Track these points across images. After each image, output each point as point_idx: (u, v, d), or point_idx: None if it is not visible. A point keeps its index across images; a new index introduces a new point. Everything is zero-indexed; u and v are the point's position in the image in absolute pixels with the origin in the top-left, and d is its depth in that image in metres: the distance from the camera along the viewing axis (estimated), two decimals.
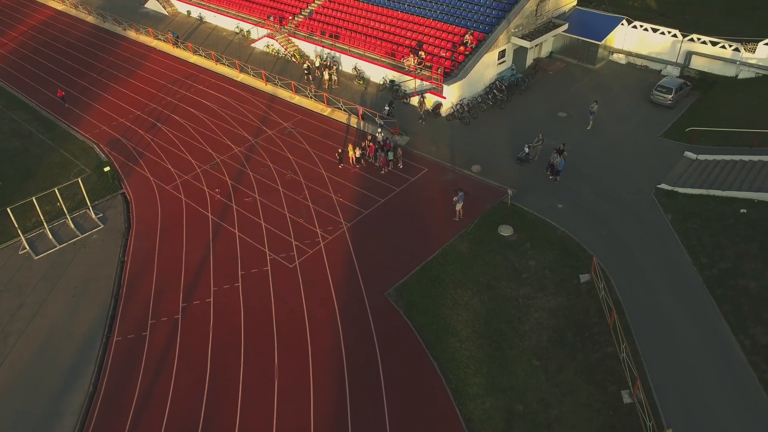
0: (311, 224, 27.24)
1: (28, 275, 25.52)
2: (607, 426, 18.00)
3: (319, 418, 18.84)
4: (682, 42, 39.51)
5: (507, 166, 30.70)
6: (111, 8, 56.39)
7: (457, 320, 21.93)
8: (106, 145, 34.83)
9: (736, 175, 28.50)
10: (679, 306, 21.70)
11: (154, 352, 21.59)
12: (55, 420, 19.44)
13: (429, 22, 40.15)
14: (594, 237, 25.48)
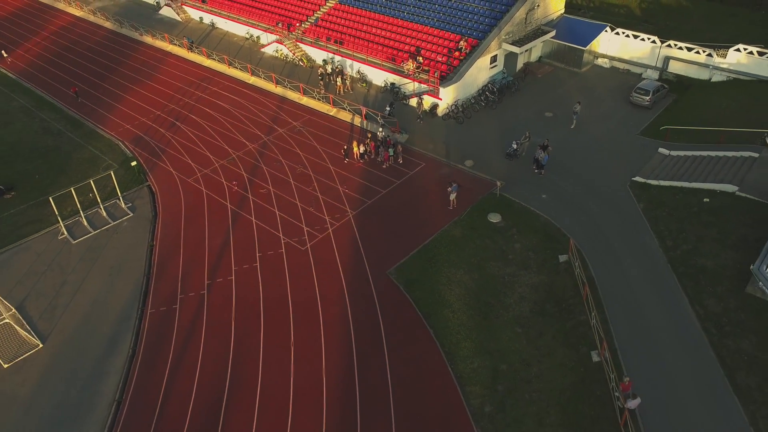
0: (320, 212, 29.93)
1: (68, 257, 28.17)
2: (578, 380, 20.68)
3: (330, 377, 21.50)
4: (660, 47, 42.15)
5: (497, 161, 33.40)
6: (127, 14, 59.08)
7: (450, 295, 24.60)
8: (131, 142, 37.48)
9: (702, 169, 31.18)
10: (645, 282, 24.40)
11: (183, 322, 24.26)
12: (101, 378, 22.11)
13: (426, 29, 42.80)
14: (573, 223, 28.17)
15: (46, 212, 30.94)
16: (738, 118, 35.02)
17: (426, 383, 21.06)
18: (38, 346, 23.37)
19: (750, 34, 45.89)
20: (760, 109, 35.80)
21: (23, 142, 38.20)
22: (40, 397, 21.48)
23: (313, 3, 49.55)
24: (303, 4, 49.84)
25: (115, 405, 21.16)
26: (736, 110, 36.39)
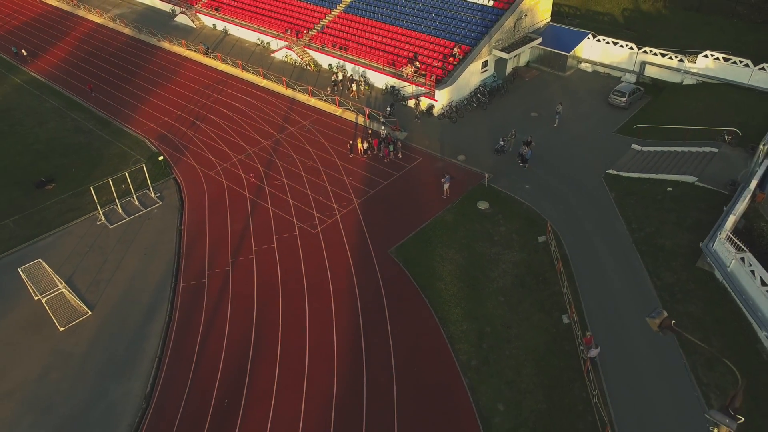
0: (329, 200, 33.22)
1: (107, 240, 31.45)
2: (550, 339, 23.98)
3: (339, 337, 24.78)
4: (637, 53, 45.45)
5: (486, 156, 36.71)
6: (144, 21, 62.32)
7: (443, 270, 27.89)
8: (156, 139, 40.76)
9: (669, 163, 34.50)
10: (611, 258, 27.71)
11: (212, 293, 27.55)
12: (143, 339, 25.39)
13: (423, 36, 46.10)
14: (552, 209, 31.47)
15: (84, 201, 34.23)
16: (704, 118, 38.36)
17: (422, 342, 24.35)
18: (87, 314, 26.64)
19: (721, 40, 49.20)
20: (723, 110, 39.13)
21: (58, 139, 41.45)
22: (92, 355, 24.77)
23: (319, 11, 52.83)
24: (310, 13, 53.12)
25: (157, 361, 24.45)
26: (703, 111, 39.73)
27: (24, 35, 60.97)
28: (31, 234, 32.03)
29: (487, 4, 45.99)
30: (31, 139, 41.59)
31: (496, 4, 45.73)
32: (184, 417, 22.12)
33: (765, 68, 40.30)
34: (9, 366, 24.40)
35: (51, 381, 23.75)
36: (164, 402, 22.74)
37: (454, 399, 22.05)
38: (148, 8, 67.14)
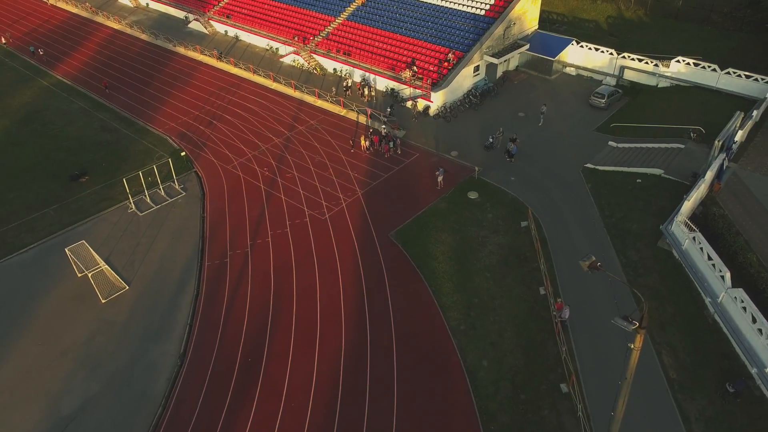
0: (335, 191, 36.65)
1: (138, 225, 34.84)
2: (528, 308, 27.39)
3: (347, 306, 28.16)
4: (617, 58, 48.90)
5: (477, 152, 40.14)
6: (159, 27, 65.69)
7: (437, 251, 31.29)
8: (177, 137, 44.15)
9: (640, 157, 37.94)
10: (585, 240, 31.14)
11: (234, 271, 30.96)
12: (175, 310, 28.77)
13: (420, 42, 49.53)
14: (534, 198, 34.89)
15: (116, 192, 37.64)
16: (675, 117, 41.82)
17: (418, 311, 27.76)
18: (125, 288, 30.04)
19: (696, 46, 52.77)
20: (692, 110, 42.61)
21: (87, 137, 44.82)
22: (131, 322, 28.17)
23: (325, 19, 56.26)
24: (316, 20, 56.54)
25: (188, 327, 27.84)
26: (674, 111, 43.21)
27: (48, 41, 64.29)
28: (70, 221, 35.43)
29: (478, 13, 49.45)
30: (62, 137, 44.96)
31: (487, 14, 49.18)
32: (214, 372, 25.52)
33: (730, 72, 43.78)
34: (61, 331, 27.80)
35: (98, 343, 27.15)
36: (196, 360, 26.14)
37: (445, 357, 25.45)
38: (163, 15, 70.50)
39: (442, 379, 24.49)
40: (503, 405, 23.28)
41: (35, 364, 26.20)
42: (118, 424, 23.62)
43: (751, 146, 37.97)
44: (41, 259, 32.41)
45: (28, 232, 34.51)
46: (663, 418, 22.11)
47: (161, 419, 23.77)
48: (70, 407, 24.35)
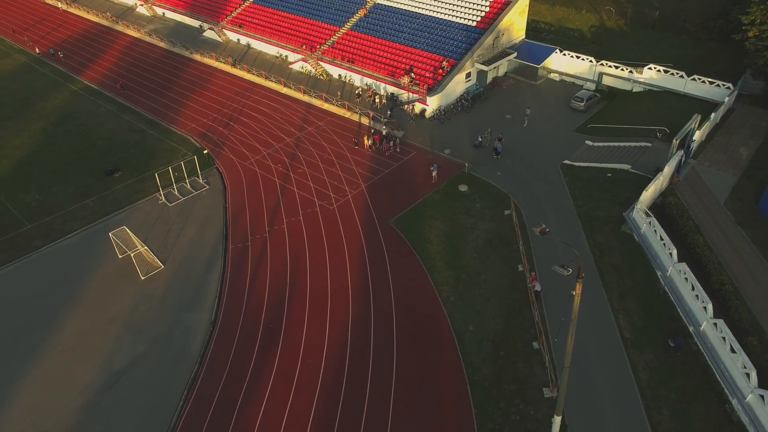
0: (342, 184, 40.83)
1: (168, 215, 39.00)
2: (508, 282, 31.55)
3: (353, 282, 32.30)
4: (596, 65, 53.04)
5: (467, 150, 44.31)
6: (176, 35, 69.82)
7: (431, 235, 35.46)
8: (198, 137, 48.30)
9: (612, 154, 42.09)
10: (559, 226, 35.28)
11: (255, 252, 35.12)
12: (205, 285, 32.93)
13: (417, 51, 53.69)
14: (516, 190, 39.05)
15: (146, 185, 41.81)
16: (646, 119, 46.00)
17: (414, 285, 31.92)
18: (161, 267, 34.20)
19: (670, 54, 56.88)
20: (661, 112, 46.79)
21: (117, 137, 48.98)
22: (168, 295, 32.33)
23: (330, 29, 60.41)
24: (322, 30, 60.70)
25: (217, 300, 31.99)
26: (646, 113, 47.38)
27: (74, 48, 68.43)
28: (108, 210, 39.61)
29: (470, 24, 53.63)
30: (94, 137, 49.13)
31: (478, 25, 53.37)
32: (241, 335, 29.68)
33: (695, 79, 47.95)
34: (108, 303, 31.97)
35: (140, 312, 31.32)
36: (226, 326, 30.30)
37: (437, 323, 29.60)
38: (179, 24, 74.64)
39: (434, 341, 28.65)
40: (485, 360, 27.46)
41: (89, 329, 30.38)
42: (162, 377, 27.78)
43: (710, 145, 42.22)
44: (86, 243, 36.60)
45: (73, 220, 38.68)
46: (617, 369, 26.30)
47: (198, 374, 27.92)
48: (121, 363, 28.52)
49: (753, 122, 44.82)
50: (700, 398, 24.79)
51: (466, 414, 25.05)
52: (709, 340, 25.80)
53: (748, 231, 33.49)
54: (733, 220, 34.26)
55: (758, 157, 40.50)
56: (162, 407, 26.38)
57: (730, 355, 24.20)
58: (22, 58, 66.19)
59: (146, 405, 26.49)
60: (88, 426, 25.65)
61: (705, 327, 26.13)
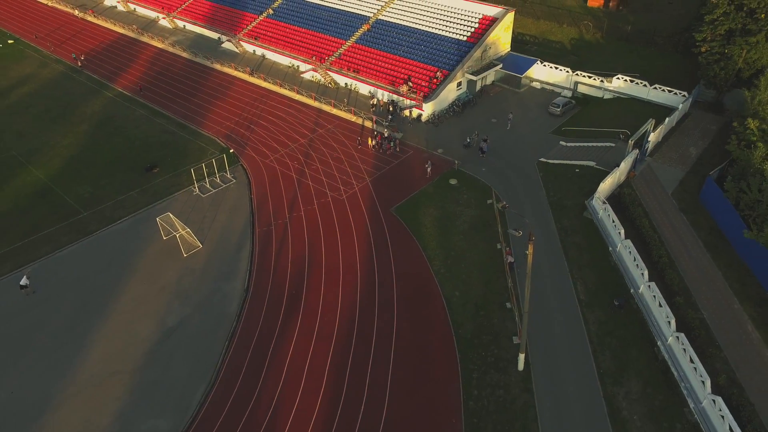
0: (350, 179, 46.77)
1: (202, 204, 44.88)
2: (488, 257, 37.48)
3: (361, 258, 38.21)
4: (572, 75, 58.98)
5: (457, 149, 50.27)
6: (197, 46, 75.67)
7: (426, 220, 41.38)
8: (223, 138, 54.20)
9: (581, 153, 48.01)
10: (533, 212, 41.21)
11: (278, 234, 41.02)
12: (238, 261, 38.80)
13: (415, 63, 59.62)
14: (498, 184, 44.98)
15: (181, 180, 47.70)
16: (613, 122, 51.95)
17: (411, 260, 37.83)
18: (200, 246, 40.09)
19: (640, 65, 62.87)
20: (627, 117, 52.75)
21: (151, 138, 54.86)
22: (207, 270, 38.22)
23: (337, 42, 66.34)
24: (330, 43, 66.62)
25: (248, 272, 37.88)
26: (613, 117, 53.35)
27: (104, 58, 74.31)
28: (150, 201, 45.49)
29: (461, 39, 59.60)
30: (132, 137, 55.02)
31: (468, 39, 59.33)
32: (269, 300, 35.59)
33: (657, 87, 53.91)
34: (157, 275, 37.86)
35: (185, 283, 37.21)
36: (257, 292, 36.21)
37: (430, 290, 35.51)
38: (199, 35, 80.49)
39: (427, 304, 34.59)
40: (468, 318, 33.41)
41: (144, 295, 36.28)
42: (206, 333, 33.66)
43: (665, 145, 48.22)
44: (134, 228, 42.51)
45: (120, 209, 44.59)
46: (573, 323, 32.24)
47: (235, 330, 33.81)
48: (172, 322, 34.42)
49: (704, 126, 50.80)
50: (635, 344, 30.77)
51: (452, 358, 31.00)
52: (645, 299, 31.78)
53: (688, 216, 39.49)
54: (677, 207, 40.25)
55: (704, 156, 46.49)
56: (208, 355, 32.29)
57: (658, 309, 30.16)
58: (60, 68, 72.01)
59: (195, 353, 32.39)
60: (149, 368, 31.55)
61: (642, 289, 32.10)
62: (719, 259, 35.88)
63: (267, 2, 77.06)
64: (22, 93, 65.01)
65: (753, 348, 29.73)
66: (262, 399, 29.61)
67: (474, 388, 29.31)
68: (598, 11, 77.87)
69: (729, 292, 33.21)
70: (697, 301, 32.57)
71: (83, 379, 30.98)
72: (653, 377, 28.97)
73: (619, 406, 27.86)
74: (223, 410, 29.13)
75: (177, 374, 31.15)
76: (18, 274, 37.47)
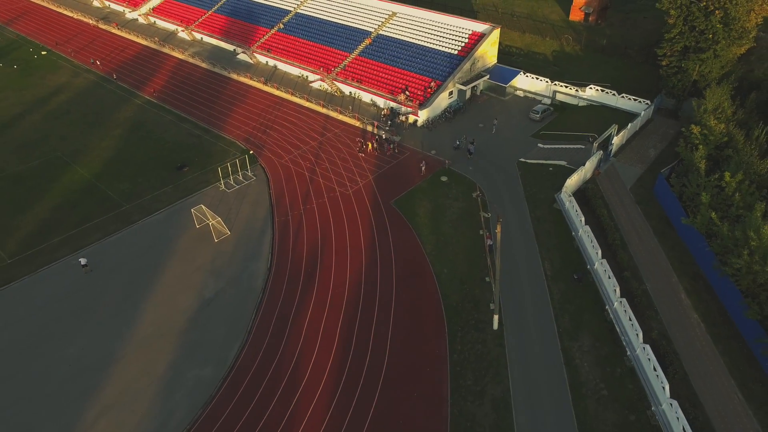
0: (355, 176, 53.07)
1: (228, 198, 51.15)
2: (472, 242, 43.77)
3: (365, 242, 44.49)
4: (550, 85, 65.26)
5: (448, 151, 56.57)
6: (214, 57, 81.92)
7: (420, 211, 47.65)
8: (242, 141, 60.46)
9: (555, 154, 54.26)
10: (511, 204, 47.49)
11: (294, 223, 47.30)
12: (261, 245, 45.05)
13: (411, 74, 65.88)
14: (483, 180, 51.27)
15: (208, 177, 53.96)
16: (584, 127, 58.21)
17: (407, 244, 44.10)
18: (228, 233, 46.31)
19: (613, 75, 69.08)
20: (597, 122, 58.98)
21: (179, 141, 61.11)
22: (236, 252, 44.46)
23: (342, 54, 72.60)
24: (335, 56, 72.88)
25: (270, 255, 44.14)
26: (585, 123, 59.61)
27: (131, 68, 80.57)
28: (182, 195, 51.72)
29: (453, 53, 65.88)
30: (162, 140, 61.27)
31: (459, 53, 65.61)
32: (289, 278, 41.81)
33: (624, 96, 60.20)
34: (193, 257, 44.10)
35: (217, 263, 43.45)
36: (278, 270, 42.44)
37: (423, 268, 41.76)
38: (215, 47, 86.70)
39: (421, 279, 40.86)
40: (454, 289, 39.67)
41: (182, 273, 42.52)
42: (238, 303, 39.87)
43: (629, 147, 54.52)
44: (170, 218, 48.75)
45: (157, 202, 50.82)
46: (540, 293, 38.50)
47: (261, 300, 40.01)
48: (209, 294, 40.65)
49: (664, 130, 57.12)
50: (589, 309, 37.08)
51: (440, 321, 37.25)
52: (598, 273, 38.10)
53: (642, 207, 45.81)
54: (633, 200, 46.56)
55: (661, 156, 52.80)
56: (239, 321, 38.52)
57: (608, 280, 36.47)
58: (91, 77, 78.28)
59: (229, 319, 38.63)
60: (192, 331, 37.77)
61: (597, 265, 38.42)
62: (665, 242, 42.19)
63: (278, 17, 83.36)
64: (60, 100, 71.27)
65: (683, 311, 36.05)
66: (286, 354, 35.86)
67: (458, 344, 35.60)
68: (578, 25, 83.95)
69: (669, 268, 39.53)
70: (642, 275, 38.88)
71: (138, 339, 37.22)
72: (601, 334, 35.28)
73: (573, 356, 34.16)
74: (254, 363, 35.39)
75: (215, 335, 37.41)
76: (75, 256, 43.77)
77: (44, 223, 48.06)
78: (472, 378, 33.30)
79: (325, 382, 33.71)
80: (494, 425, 30.78)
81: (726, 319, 35.75)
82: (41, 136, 62.40)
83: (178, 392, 33.67)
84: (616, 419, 30.56)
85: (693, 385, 31.66)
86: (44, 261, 43.89)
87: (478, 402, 32.01)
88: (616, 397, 31.59)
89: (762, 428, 29.26)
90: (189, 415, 32.41)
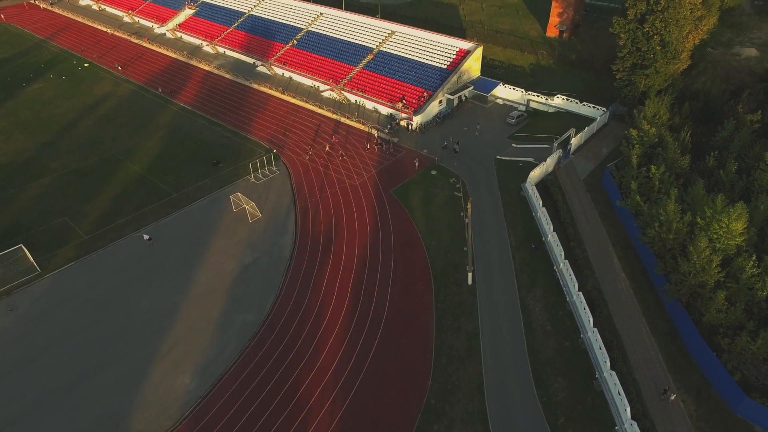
0: (360, 170, 62.98)
1: (258, 189, 60.99)
2: (454, 221, 53.67)
3: (370, 223, 54.33)
4: (525, 94, 75.16)
5: (437, 150, 66.50)
6: (236, 69, 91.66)
7: (415, 199, 57.51)
8: (266, 142, 70.32)
9: (525, 152, 64.18)
10: (487, 193, 57.41)
11: (312, 208, 57.14)
12: (286, 225, 54.90)
13: (407, 85, 75.75)
14: (465, 173, 61.16)
15: (240, 171, 63.80)
16: (552, 130, 68.03)
17: (403, 223, 54.00)
18: (260, 216, 56.15)
19: (578, 85, 78.95)
20: (562, 126, 68.88)
21: (213, 141, 70.92)
22: (267, 230, 54.29)
23: (348, 68, 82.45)
24: (342, 69, 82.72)
25: (294, 231, 53.98)
26: (552, 126, 69.47)
27: (164, 79, 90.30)
28: (219, 185, 61.57)
29: (442, 67, 75.79)
30: (199, 141, 71.07)
31: (448, 67, 75.51)
32: (310, 248, 51.66)
33: (585, 104, 70.12)
34: (232, 234, 54.00)
35: (252, 238, 53.28)
36: (302, 244, 52.27)
37: (416, 241, 51.64)
38: (237, 60, 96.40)
39: (414, 250, 50.75)
40: (440, 257, 49.54)
41: (225, 246, 52.36)
42: (271, 268, 49.68)
43: (586, 146, 64.43)
44: (211, 204, 58.59)
45: (199, 191, 60.66)
46: (505, 259, 48.40)
47: (289, 265, 49.84)
48: (248, 261, 50.50)
49: (616, 133, 67.00)
50: (543, 270, 47.00)
51: (428, 280, 47.12)
52: (550, 243, 48.05)
53: (591, 195, 55.72)
54: (585, 189, 56.48)
55: (612, 154, 62.69)
56: (273, 280, 48.35)
57: (557, 248, 46.41)
58: (131, 87, 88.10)
59: (265, 279, 48.46)
60: (237, 287, 47.56)
61: (549, 237, 48.36)
62: (606, 220, 52.09)
63: (292, 34, 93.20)
64: (107, 107, 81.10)
65: (614, 271, 45.96)
66: (311, 303, 45.74)
67: (441, 296, 45.49)
68: (554, 41, 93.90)
69: (607, 240, 49.44)
70: (586, 245, 48.81)
71: (195, 294, 47.05)
72: (551, 287, 45.22)
73: (527, 303, 44.08)
74: (286, 310, 45.25)
75: (255, 291, 47.26)
76: (139, 234, 53.64)
77: (109, 208, 57.90)
78: (452, 319, 43.22)
79: (341, 324, 43.55)
80: (467, 350, 40.68)
81: (647, 278, 45.64)
82: (96, 138, 72.21)
83: (229, 331, 43.52)
84: (556, 345, 40.49)
85: (614, 322, 41.59)
86: (114, 237, 53.74)
87: (455, 335, 41.92)
88: (558, 331, 41.54)
89: (659, 349, 39.20)
90: (239, 347, 42.24)
